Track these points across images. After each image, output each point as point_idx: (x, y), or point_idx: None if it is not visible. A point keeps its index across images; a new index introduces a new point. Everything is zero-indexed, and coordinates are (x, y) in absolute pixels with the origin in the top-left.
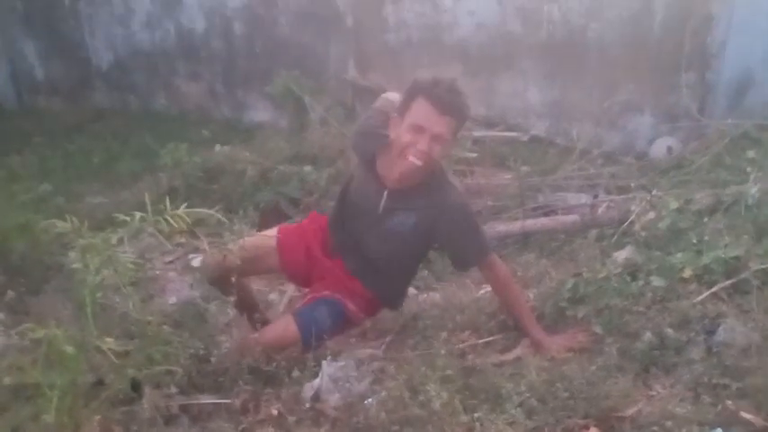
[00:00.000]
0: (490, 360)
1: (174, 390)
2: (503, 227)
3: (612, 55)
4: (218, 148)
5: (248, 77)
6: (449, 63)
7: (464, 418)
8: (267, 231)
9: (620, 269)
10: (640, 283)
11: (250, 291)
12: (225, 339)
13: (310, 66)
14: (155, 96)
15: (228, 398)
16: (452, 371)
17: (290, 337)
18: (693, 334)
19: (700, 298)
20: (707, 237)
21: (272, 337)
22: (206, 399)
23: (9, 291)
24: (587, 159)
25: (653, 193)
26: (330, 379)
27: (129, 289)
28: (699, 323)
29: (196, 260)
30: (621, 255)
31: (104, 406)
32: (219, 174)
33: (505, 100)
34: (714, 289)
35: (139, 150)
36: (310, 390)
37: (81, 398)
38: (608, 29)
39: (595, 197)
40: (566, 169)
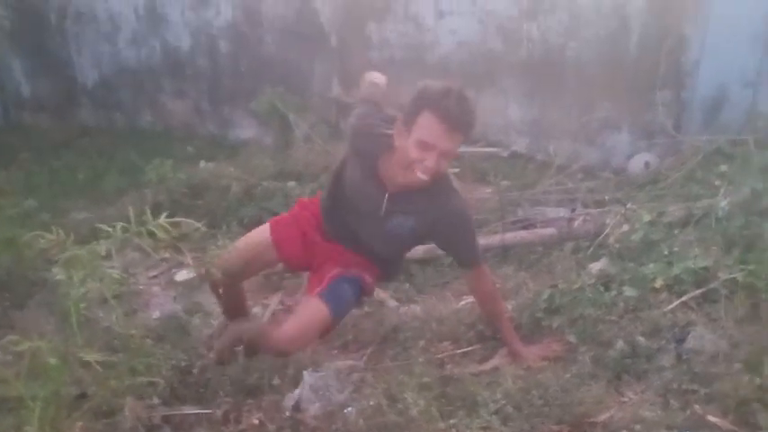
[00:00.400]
0: (468, 369)
1: (157, 401)
2: (483, 240)
3: (590, 73)
4: (202, 165)
5: (233, 95)
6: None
7: (441, 425)
8: (258, 228)
9: (594, 280)
10: (613, 294)
11: (244, 298)
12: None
13: (295, 83)
14: (140, 113)
15: (210, 408)
16: (431, 380)
17: (321, 317)
18: (664, 342)
19: (670, 307)
20: (678, 248)
21: (304, 322)
22: (188, 409)
23: None
24: (566, 174)
25: (627, 207)
26: (311, 389)
27: (113, 302)
28: (669, 331)
29: (180, 274)
30: (596, 266)
31: (87, 417)
32: (204, 189)
33: (486, 117)
34: (684, 298)
35: (125, 167)
36: (291, 400)
37: (64, 409)
38: (585, 48)
39: (573, 211)
40: (544, 184)
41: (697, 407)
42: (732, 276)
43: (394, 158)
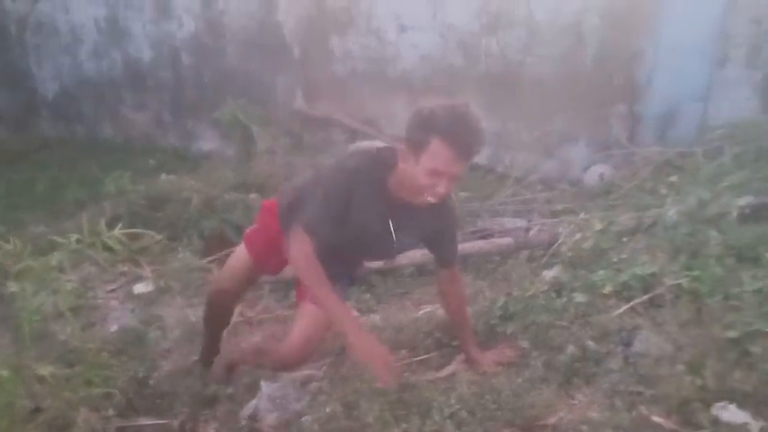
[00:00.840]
0: (425, 377)
1: (112, 412)
2: None
3: (548, 88)
4: (163, 177)
5: (196, 107)
6: (394, 94)
7: (395, 430)
8: (235, 255)
9: (547, 287)
10: (565, 300)
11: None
12: (165, 363)
13: (258, 95)
14: (101, 125)
15: (166, 419)
16: (386, 387)
17: (321, 321)
18: (612, 346)
19: (618, 312)
20: (626, 256)
21: (307, 330)
22: (144, 421)
23: None
24: (524, 185)
25: (580, 217)
26: (268, 399)
27: (69, 315)
28: (617, 335)
29: (138, 287)
30: (549, 274)
31: (41, 430)
32: (164, 202)
33: None
34: (631, 303)
35: (85, 179)
36: (248, 410)
37: (17, 423)
38: (543, 63)
39: (529, 221)
40: (503, 195)
41: (642, 408)
42: (677, 282)
43: (398, 180)
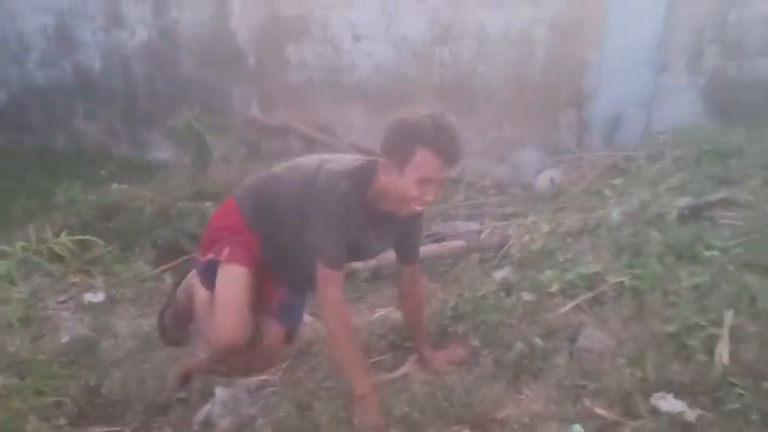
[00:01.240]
0: (380, 378)
1: (63, 421)
2: (388, 256)
3: (499, 96)
4: (115, 187)
5: (150, 116)
6: (349, 102)
7: (348, 430)
8: (231, 275)
9: (496, 287)
10: (513, 299)
11: None
12: (118, 372)
13: (213, 104)
14: (52, 136)
15: (119, 426)
16: (340, 389)
17: (281, 337)
18: (558, 342)
19: (564, 310)
20: (572, 256)
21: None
22: (95, 429)
23: None
24: (477, 190)
25: (529, 219)
26: (221, 404)
27: (18, 325)
28: (563, 332)
29: (90, 297)
30: (499, 275)
31: None
32: (116, 212)
33: None
34: (576, 301)
35: (34, 190)
36: (201, 415)
37: None
38: (494, 72)
39: (482, 225)
40: (456, 200)
41: (586, 400)
42: (620, 280)
43: (379, 193)
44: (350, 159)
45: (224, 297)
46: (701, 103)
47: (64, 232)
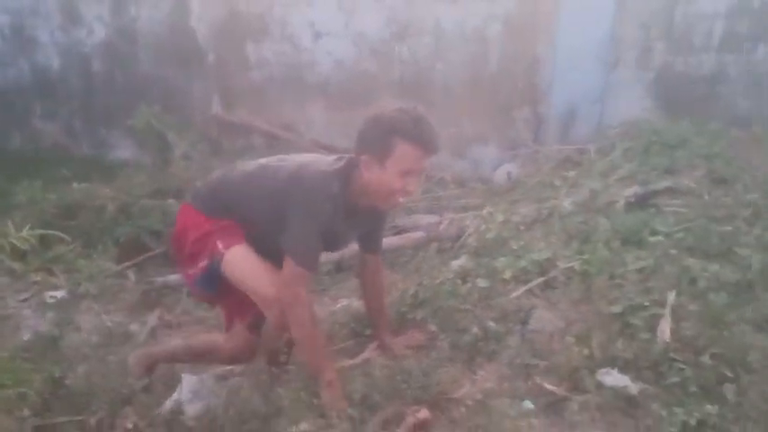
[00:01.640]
0: (342, 363)
1: (27, 413)
2: (356, 246)
3: (457, 92)
4: (76, 186)
5: (110, 115)
6: (311, 99)
7: (309, 413)
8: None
9: (453, 275)
10: (469, 286)
11: None
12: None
13: (174, 102)
14: (9, 136)
15: (84, 416)
16: (304, 376)
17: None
18: (511, 325)
19: (516, 294)
20: (525, 243)
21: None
22: (60, 419)
23: None
24: (437, 184)
25: (485, 211)
26: (189, 391)
27: None
28: (515, 315)
29: (52, 295)
30: (456, 263)
31: None
32: (78, 211)
33: None
34: (529, 286)
35: None
36: (170, 403)
37: None
38: (452, 69)
39: (441, 217)
40: (417, 194)
41: (537, 378)
42: (570, 265)
43: (359, 189)
44: (329, 160)
45: (250, 271)
46: (650, 98)
47: (27, 227)
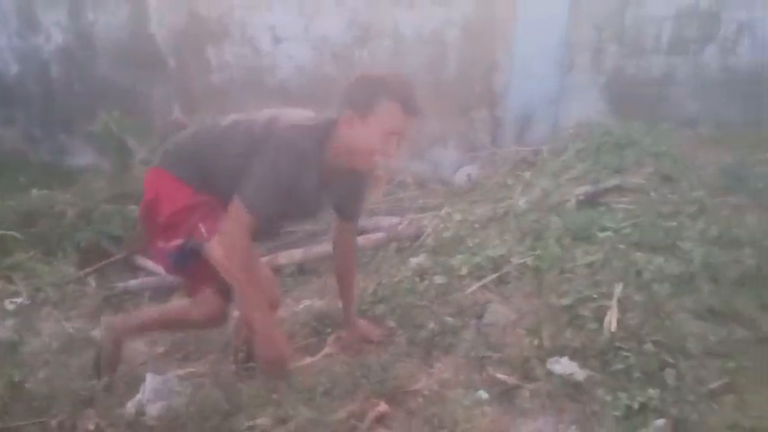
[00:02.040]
0: (303, 362)
1: None
2: (319, 248)
3: (418, 95)
4: (34, 193)
5: (69, 121)
6: (272, 103)
7: (270, 409)
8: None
9: (411, 273)
10: (427, 283)
11: None
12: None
13: (135, 107)
14: None
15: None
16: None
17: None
18: (467, 319)
19: (471, 290)
20: (480, 241)
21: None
22: (21, 422)
23: None
24: (399, 187)
25: (443, 211)
26: (152, 391)
27: None
28: (471, 310)
29: (11, 302)
30: (415, 261)
31: None
32: (37, 217)
33: None
34: (483, 282)
35: None
36: (133, 403)
37: None
38: (412, 72)
39: (401, 218)
40: (379, 195)
41: (490, 369)
42: (523, 261)
43: (338, 147)
44: (305, 115)
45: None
46: (604, 100)
47: None
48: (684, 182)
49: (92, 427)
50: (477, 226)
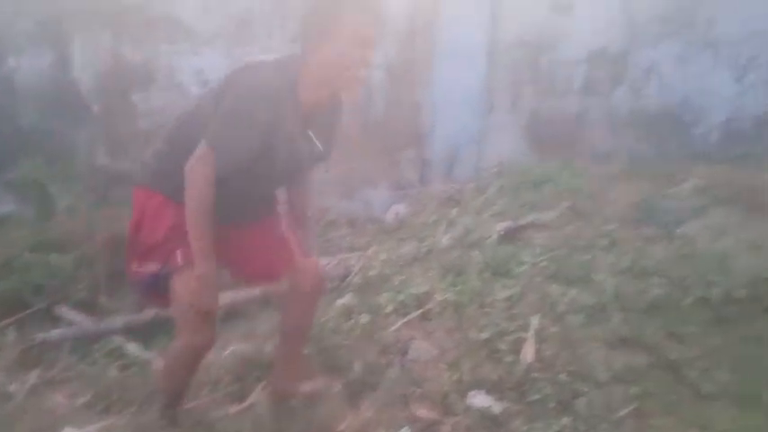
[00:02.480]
0: (229, 410)
1: None
2: (244, 293)
3: (349, 136)
4: None
5: None
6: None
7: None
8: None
9: (336, 313)
10: (352, 322)
11: None
12: None
13: (57, 154)
14: None
15: None
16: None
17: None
18: (391, 356)
19: (395, 327)
20: (405, 278)
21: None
22: None
23: None
24: (330, 226)
25: (370, 250)
26: None
27: None
28: (395, 347)
29: None
30: (341, 301)
31: None
32: None
33: None
34: (407, 319)
35: None
36: None
37: None
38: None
39: (332, 258)
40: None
41: (413, 405)
42: (445, 297)
43: (310, 79)
44: (266, 58)
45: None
46: (524, 139)
47: None
48: (597, 216)
49: None
50: (402, 264)
